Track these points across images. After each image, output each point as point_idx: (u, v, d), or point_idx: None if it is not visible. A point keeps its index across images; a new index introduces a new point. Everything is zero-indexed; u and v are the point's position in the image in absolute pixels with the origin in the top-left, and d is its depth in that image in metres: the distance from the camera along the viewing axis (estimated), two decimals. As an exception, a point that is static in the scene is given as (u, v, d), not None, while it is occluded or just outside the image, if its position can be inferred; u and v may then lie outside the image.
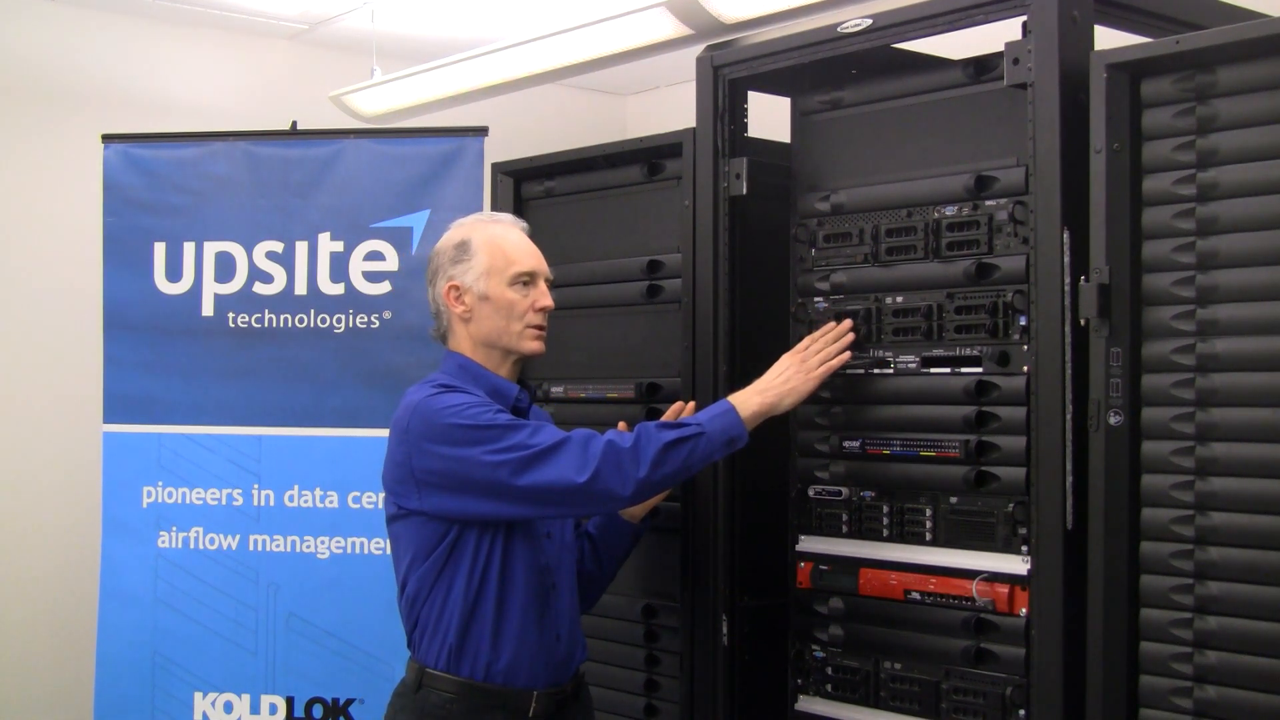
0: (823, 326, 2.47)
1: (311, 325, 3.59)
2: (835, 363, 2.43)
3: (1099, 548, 2.04)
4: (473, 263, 2.49)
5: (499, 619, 2.36)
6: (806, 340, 2.47)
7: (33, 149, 4.25)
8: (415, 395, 2.41)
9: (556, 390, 2.96)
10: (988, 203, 2.27)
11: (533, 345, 2.50)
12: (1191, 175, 1.98)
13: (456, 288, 2.50)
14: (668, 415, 2.61)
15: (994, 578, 2.23)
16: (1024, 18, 2.18)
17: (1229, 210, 1.95)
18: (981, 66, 2.31)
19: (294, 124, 3.71)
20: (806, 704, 2.51)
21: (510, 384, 2.49)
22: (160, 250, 3.64)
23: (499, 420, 2.34)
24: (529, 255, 2.52)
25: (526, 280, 2.49)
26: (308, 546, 3.57)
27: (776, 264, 2.60)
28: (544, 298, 2.51)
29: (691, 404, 2.63)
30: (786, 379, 2.42)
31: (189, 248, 3.63)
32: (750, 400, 2.39)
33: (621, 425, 2.59)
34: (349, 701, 3.54)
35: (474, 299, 2.48)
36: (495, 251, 2.49)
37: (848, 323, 2.44)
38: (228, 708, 3.57)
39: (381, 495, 2.73)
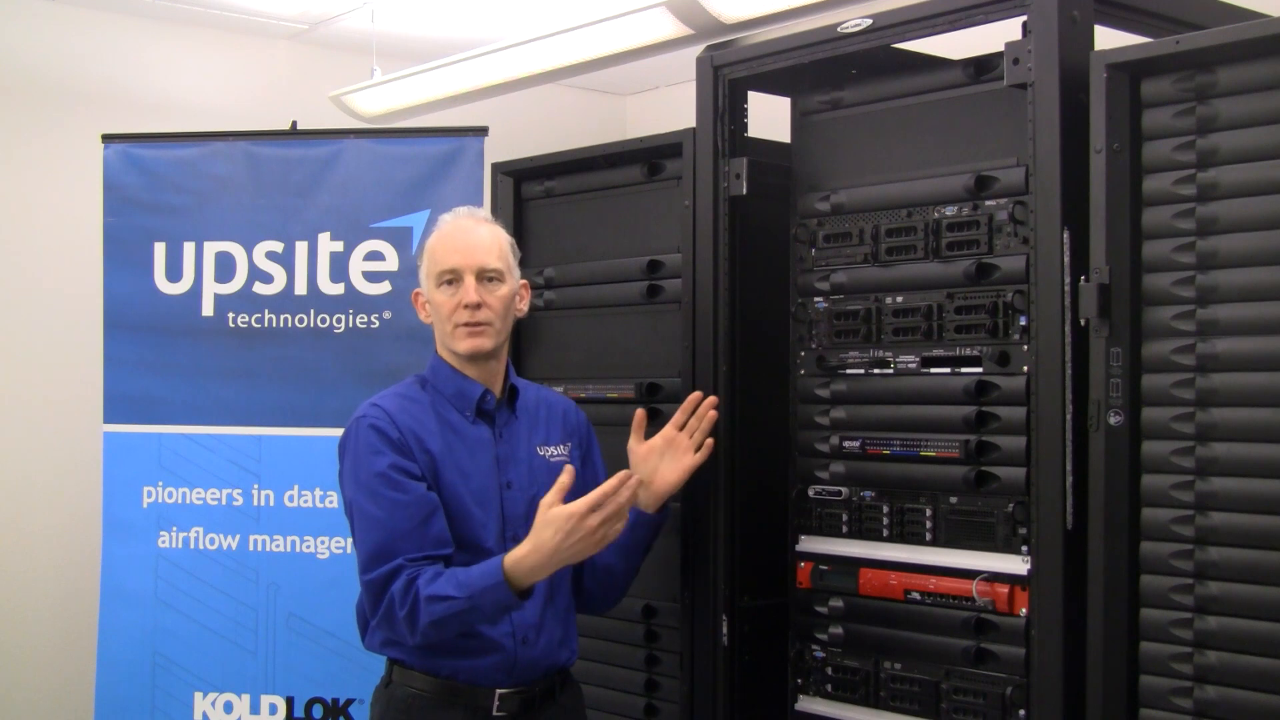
0: (615, 477, 2.25)
1: (311, 325, 3.59)
2: (619, 527, 2.28)
3: (1099, 548, 2.04)
4: (421, 268, 2.51)
5: None
6: (596, 496, 2.24)
7: (33, 149, 4.25)
8: (362, 406, 2.44)
9: (556, 390, 2.96)
10: (988, 203, 2.27)
11: (464, 344, 2.43)
12: (1191, 175, 1.98)
13: (420, 294, 2.53)
14: (684, 406, 2.60)
15: (994, 578, 2.23)
16: (1024, 18, 2.18)
17: (1229, 210, 1.95)
18: (981, 66, 2.31)
19: (294, 124, 3.71)
20: (806, 704, 2.51)
21: (475, 385, 2.46)
22: (160, 250, 3.64)
23: (382, 489, 2.36)
24: (452, 252, 2.44)
25: (450, 278, 2.43)
26: (308, 546, 3.57)
27: (776, 264, 2.60)
28: (467, 294, 2.41)
29: (710, 399, 2.61)
30: (571, 546, 2.25)
31: (189, 248, 3.63)
32: (536, 572, 2.27)
33: (639, 413, 2.63)
34: (349, 702, 3.54)
35: (429, 304, 2.50)
36: (429, 253, 2.49)
37: (636, 479, 2.28)
38: (228, 708, 3.57)
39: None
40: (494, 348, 2.46)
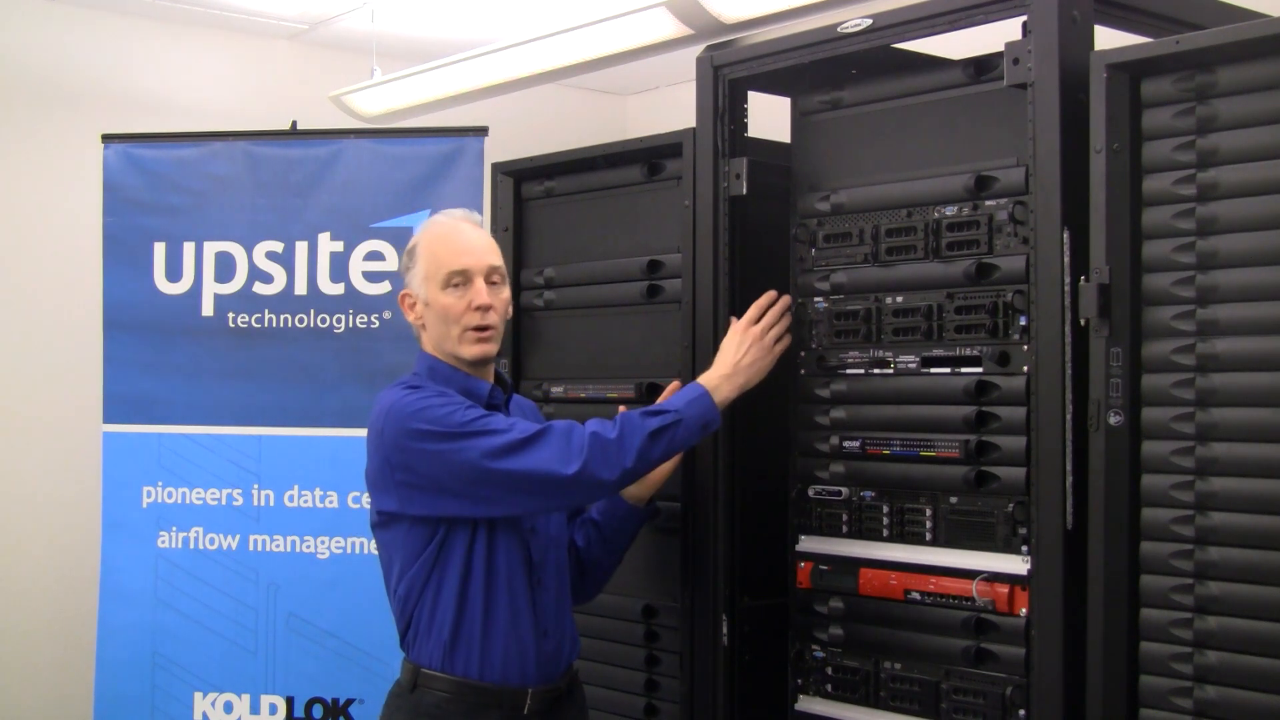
0: (765, 295, 2.51)
1: (311, 325, 3.59)
2: (788, 339, 2.50)
3: (1099, 548, 2.04)
4: (416, 268, 2.44)
5: (487, 618, 2.36)
6: (754, 310, 2.50)
7: (33, 149, 4.26)
8: (387, 397, 2.38)
9: (556, 390, 2.96)
10: (988, 203, 2.27)
11: (472, 350, 2.40)
12: (1191, 175, 1.98)
13: (408, 295, 2.46)
14: (666, 393, 2.60)
15: (994, 578, 2.23)
16: (1024, 18, 2.18)
17: (1229, 210, 1.95)
18: (981, 66, 2.31)
19: (294, 124, 3.72)
20: (806, 704, 2.51)
21: (482, 381, 2.45)
22: (160, 250, 3.65)
23: (473, 414, 2.31)
24: (461, 253, 2.40)
25: (459, 280, 2.39)
26: (308, 546, 3.57)
27: (776, 264, 2.60)
28: (480, 295, 2.38)
29: (673, 385, 2.62)
30: (753, 359, 2.45)
31: (189, 248, 3.64)
32: (722, 387, 2.43)
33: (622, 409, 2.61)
34: (349, 701, 3.54)
35: (422, 306, 2.44)
36: (429, 254, 2.42)
37: (787, 298, 2.52)
38: (228, 708, 3.57)
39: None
40: (496, 353, 2.47)
